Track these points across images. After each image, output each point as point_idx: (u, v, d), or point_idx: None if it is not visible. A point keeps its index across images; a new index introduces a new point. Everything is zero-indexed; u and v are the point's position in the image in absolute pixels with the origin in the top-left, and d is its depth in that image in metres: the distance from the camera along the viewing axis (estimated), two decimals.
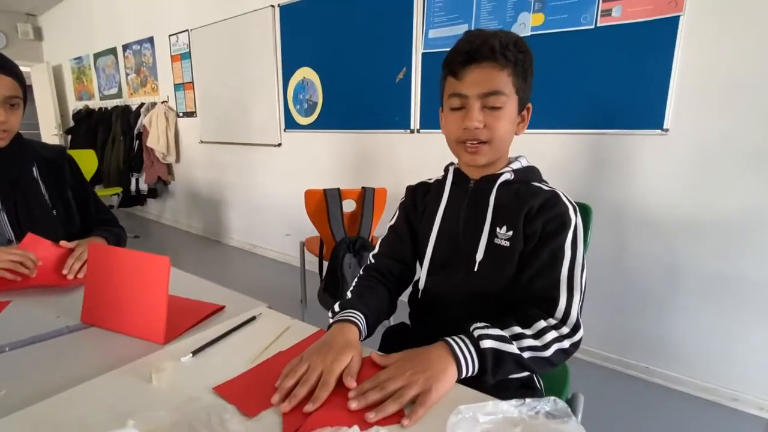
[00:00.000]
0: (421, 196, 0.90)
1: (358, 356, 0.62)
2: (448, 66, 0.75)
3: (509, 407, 0.52)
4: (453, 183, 0.85)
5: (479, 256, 0.77)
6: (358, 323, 0.70)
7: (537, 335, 0.65)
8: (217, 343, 0.70)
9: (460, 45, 0.73)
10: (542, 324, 0.66)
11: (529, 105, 0.79)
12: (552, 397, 0.54)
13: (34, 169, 1.12)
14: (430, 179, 0.92)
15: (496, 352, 0.61)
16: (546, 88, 1.83)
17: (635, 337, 1.80)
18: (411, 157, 2.40)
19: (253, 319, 0.79)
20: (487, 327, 0.64)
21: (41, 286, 0.92)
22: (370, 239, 2.05)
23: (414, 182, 0.94)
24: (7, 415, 0.51)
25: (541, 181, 0.81)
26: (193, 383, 0.60)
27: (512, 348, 0.62)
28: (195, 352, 0.66)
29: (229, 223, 3.79)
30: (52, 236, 1.08)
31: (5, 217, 1.04)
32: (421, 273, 0.85)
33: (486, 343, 0.61)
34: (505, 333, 0.64)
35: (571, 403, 0.92)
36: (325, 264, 2.03)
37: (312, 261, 2.13)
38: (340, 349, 0.61)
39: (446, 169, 0.88)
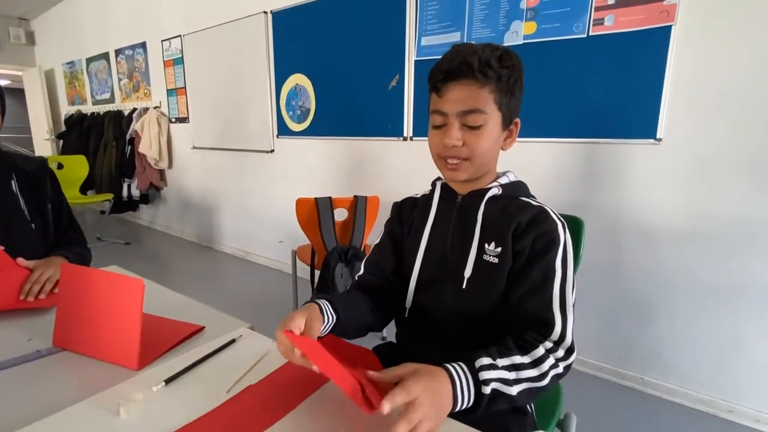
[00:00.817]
0: (407, 213, 0.88)
1: (307, 316, 0.64)
2: (430, 82, 0.74)
3: None
4: (440, 198, 0.83)
5: (467, 272, 0.75)
6: (318, 302, 0.69)
7: (535, 363, 0.62)
8: (192, 370, 0.67)
9: (442, 62, 0.72)
10: (541, 351, 0.63)
11: (517, 120, 0.77)
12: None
13: (13, 182, 1.10)
14: (417, 194, 0.90)
15: (494, 393, 0.58)
16: (538, 97, 1.82)
17: (630, 347, 1.78)
18: (404, 164, 2.38)
19: (233, 341, 0.76)
20: (493, 367, 0.59)
21: (6, 311, 0.87)
22: (362, 248, 2.02)
23: (406, 190, 0.93)
24: None
25: (529, 196, 0.80)
26: (164, 416, 0.56)
27: (511, 390, 0.59)
28: (168, 381, 0.63)
29: (222, 229, 3.76)
30: (30, 249, 1.05)
31: None
32: (408, 290, 0.83)
33: (488, 388, 0.57)
34: (509, 372, 0.60)
35: (563, 424, 0.90)
36: (317, 273, 2.00)
37: (305, 269, 2.10)
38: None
39: (433, 184, 0.86)
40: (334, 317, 0.70)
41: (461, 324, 0.77)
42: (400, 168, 2.40)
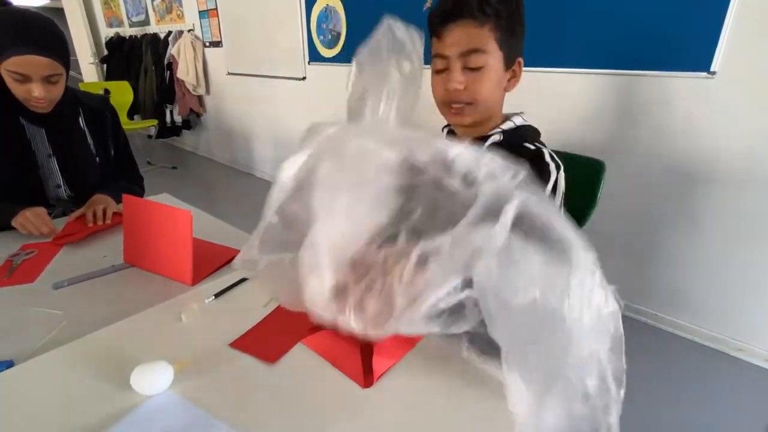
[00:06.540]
0: None
1: None
2: (430, 26, 0.73)
3: None
4: None
5: None
6: None
7: None
8: (235, 288, 0.80)
9: (439, 3, 0.71)
10: None
11: (520, 59, 0.76)
12: None
13: (80, 117, 1.20)
14: None
15: None
16: (571, 19, 1.65)
17: (649, 285, 1.81)
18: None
19: None
20: None
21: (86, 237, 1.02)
22: None
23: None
24: (65, 343, 0.63)
25: (534, 141, 0.78)
26: (216, 322, 0.70)
27: None
28: (217, 295, 0.76)
29: (260, 156, 3.89)
30: (93, 180, 1.20)
31: (55, 164, 1.15)
32: None
33: None
34: None
35: None
36: None
37: None
38: None
39: (442, 131, 0.89)
40: None
41: None
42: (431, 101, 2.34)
